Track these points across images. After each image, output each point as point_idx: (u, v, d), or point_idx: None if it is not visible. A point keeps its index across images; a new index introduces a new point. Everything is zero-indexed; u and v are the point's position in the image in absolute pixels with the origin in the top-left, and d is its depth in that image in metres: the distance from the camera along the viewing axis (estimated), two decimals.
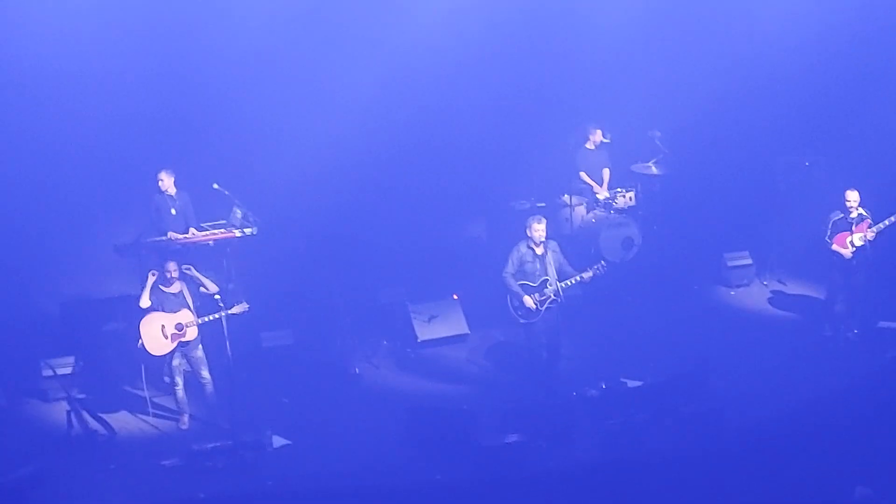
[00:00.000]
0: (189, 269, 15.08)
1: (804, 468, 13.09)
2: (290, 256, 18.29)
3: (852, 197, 16.25)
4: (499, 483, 13.36)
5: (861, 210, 16.31)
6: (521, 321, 15.21)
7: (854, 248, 16.24)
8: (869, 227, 16.22)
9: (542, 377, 15.45)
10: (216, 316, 14.67)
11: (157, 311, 14.70)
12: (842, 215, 16.32)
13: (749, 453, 13.51)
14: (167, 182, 16.68)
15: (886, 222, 16.21)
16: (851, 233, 16.26)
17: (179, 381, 14.89)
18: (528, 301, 15.01)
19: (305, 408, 15.37)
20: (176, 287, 14.83)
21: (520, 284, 15.13)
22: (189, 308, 14.77)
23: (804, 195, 19.49)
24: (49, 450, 14.26)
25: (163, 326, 14.68)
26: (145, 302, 14.69)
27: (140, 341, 14.68)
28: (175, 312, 14.72)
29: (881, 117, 19.57)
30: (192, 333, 14.75)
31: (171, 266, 14.76)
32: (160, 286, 14.77)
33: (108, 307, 16.59)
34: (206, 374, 14.93)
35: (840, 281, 16.56)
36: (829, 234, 16.33)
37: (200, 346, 14.89)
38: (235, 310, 14.75)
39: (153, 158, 17.88)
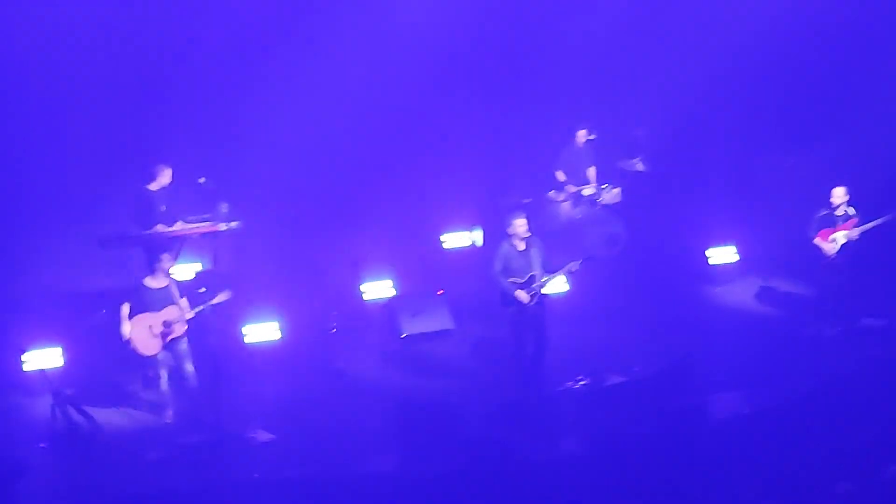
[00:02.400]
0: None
1: (787, 464, 13.12)
2: (275, 250, 18.31)
3: (838, 193, 16.31)
4: (483, 477, 13.33)
5: (849, 209, 16.37)
6: (513, 317, 15.20)
7: (838, 246, 16.29)
8: (854, 227, 16.28)
9: (527, 372, 15.44)
10: (201, 308, 14.64)
11: (143, 311, 14.60)
12: (827, 211, 16.39)
13: (733, 449, 13.52)
14: (167, 177, 16.64)
15: (871, 224, 16.27)
16: (835, 230, 16.32)
17: (164, 374, 14.83)
18: (522, 294, 15.00)
19: (290, 402, 15.32)
20: (163, 281, 14.77)
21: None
22: (176, 303, 14.71)
23: (788, 193, 19.56)
24: (33, 444, 14.20)
25: (150, 326, 14.59)
26: (126, 330, 14.60)
27: (129, 344, 14.61)
28: (161, 310, 14.63)
29: (866, 116, 19.60)
30: (180, 329, 14.68)
31: (166, 257, 14.73)
32: (145, 283, 14.71)
33: (92, 301, 16.55)
34: (189, 367, 14.85)
35: (825, 278, 16.63)
36: (814, 228, 16.39)
37: (185, 338, 14.84)
38: (219, 298, 14.73)
39: (138, 152, 17.88)
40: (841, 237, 16.29)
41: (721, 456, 13.41)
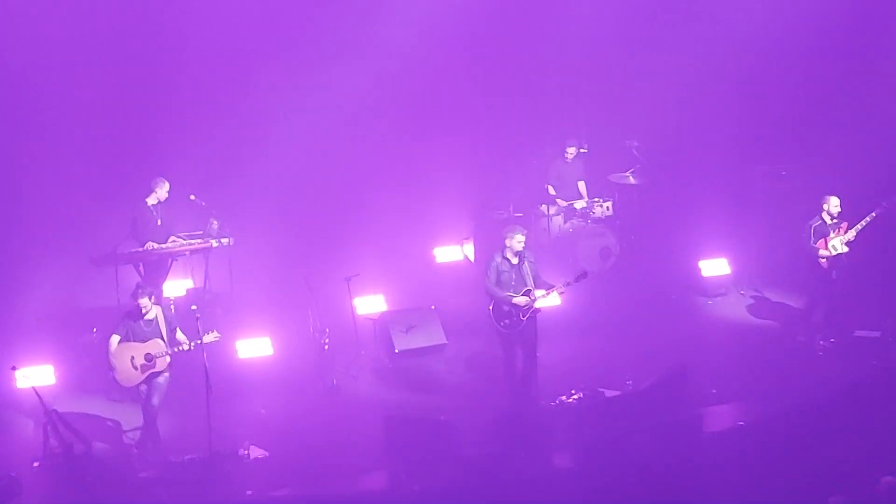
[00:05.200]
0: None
1: (781, 477, 13.11)
2: (267, 266, 18.30)
3: (834, 203, 16.32)
4: (477, 493, 13.33)
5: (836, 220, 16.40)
6: (504, 331, 15.18)
7: (836, 253, 16.29)
8: (848, 230, 16.27)
9: (520, 387, 15.42)
10: (189, 347, 14.32)
11: (127, 341, 14.32)
12: (821, 221, 16.39)
13: (727, 462, 13.52)
14: (164, 191, 16.62)
15: (864, 221, 16.29)
16: (831, 237, 16.30)
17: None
18: (521, 299, 14.96)
19: (283, 418, 15.29)
20: (151, 313, 14.39)
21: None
22: (161, 337, 14.36)
23: (781, 204, 19.58)
24: (24, 462, 14.15)
25: (132, 357, 14.27)
26: (114, 362, 14.32)
27: (111, 373, 14.40)
28: (145, 342, 14.31)
29: (857, 126, 19.63)
30: (161, 364, 14.29)
31: (145, 302, 14.25)
32: (133, 313, 14.37)
33: (83, 319, 16.52)
34: (156, 401, 14.38)
35: (819, 289, 16.63)
36: (813, 240, 16.36)
37: (166, 374, 14.43)
38: (208, 339, 14.28)
39: (131, 171, 17.88)
40: (838, 243, 16.27)
41: (714, 469, 13.40)
